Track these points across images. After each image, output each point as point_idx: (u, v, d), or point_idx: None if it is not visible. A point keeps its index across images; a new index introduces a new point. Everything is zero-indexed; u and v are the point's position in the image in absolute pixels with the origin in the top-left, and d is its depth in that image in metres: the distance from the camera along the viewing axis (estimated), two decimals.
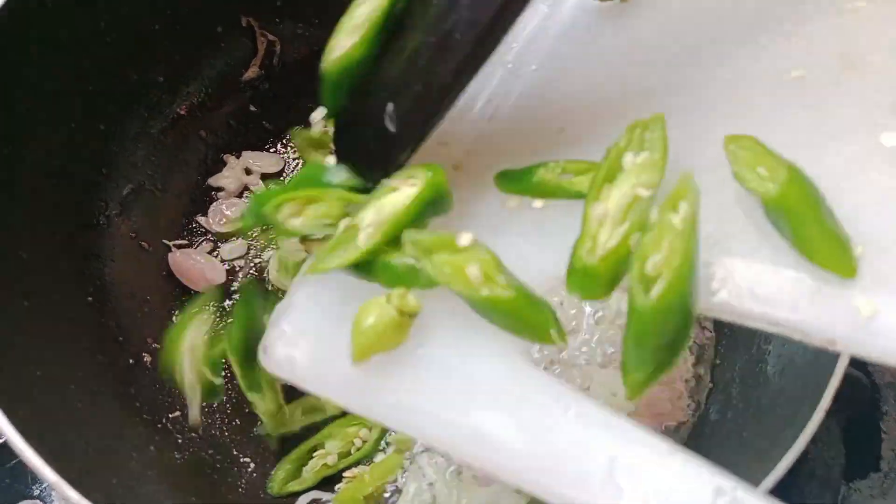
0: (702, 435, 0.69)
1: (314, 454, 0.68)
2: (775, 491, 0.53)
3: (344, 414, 0.69)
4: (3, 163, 0.62)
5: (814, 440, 0.55)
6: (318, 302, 0.42)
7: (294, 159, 0.86)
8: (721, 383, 0.71)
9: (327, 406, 0.68)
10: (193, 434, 0.69)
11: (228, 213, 0.81)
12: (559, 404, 0.37)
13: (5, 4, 0.61)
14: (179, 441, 0.68)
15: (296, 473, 0.67)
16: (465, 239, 0.37)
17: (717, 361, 0.73)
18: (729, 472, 0.36)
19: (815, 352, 0.60)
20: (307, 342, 0.41)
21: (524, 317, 0.37)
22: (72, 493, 0.48)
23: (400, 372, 0.38)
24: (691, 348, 0.74)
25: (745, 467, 0.56)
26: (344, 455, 0.68)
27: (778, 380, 0.64)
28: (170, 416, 0.69)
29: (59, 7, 0.65)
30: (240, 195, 0.83)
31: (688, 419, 0.71)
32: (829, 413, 0.54)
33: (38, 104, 0.66)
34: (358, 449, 0.69)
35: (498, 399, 0.38)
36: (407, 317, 0.37)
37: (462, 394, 0.38)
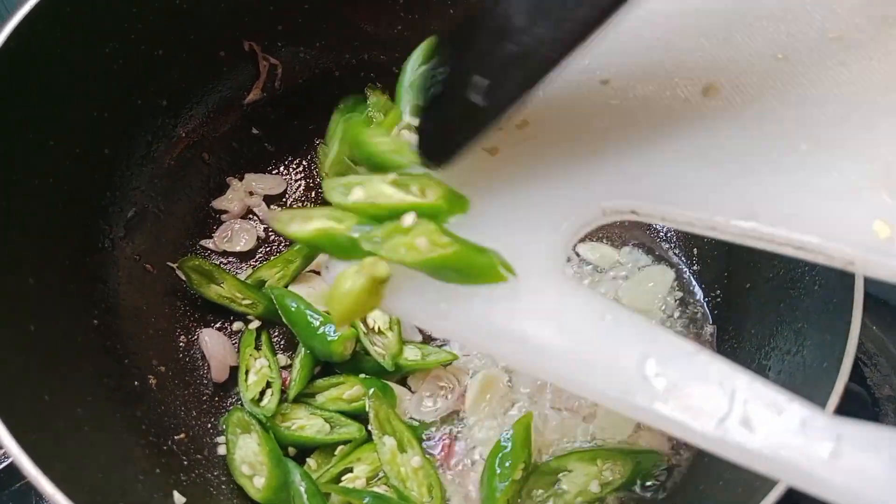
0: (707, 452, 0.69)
1: (343, 478, 0.68)
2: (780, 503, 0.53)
3: (370, 438, 0.70)
4: (10, 188, 0.63)
5: None
6: None
7: (297, 180, 0.87)
8: None
9: None
10: (199, 456, 0.69)
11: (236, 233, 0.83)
12: (595, 311, 0.42)
13: (13, 31, 0.61)
14: (185, 463, 0.68)
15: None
16: (408, 219, 0.42)
17: None
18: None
19: (815, 367, 0.61)
20: None
21: (473, 263, 0.42)
22: None
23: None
24: None
25: (749, 483, 0.57)
26: (371, 478, 0.69)
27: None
28: (175, 437, 0.69)
29: (66, 34, 0.66)
30: (244, 217, 0.84)
31: None
32: None
33: (43, 129, 0.66)
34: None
35: (539, 307, 0.42)
36: (378, 282, 0.41)
37: (506, 303, 0.42)
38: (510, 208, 0.45)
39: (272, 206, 0.85)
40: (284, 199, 0.86)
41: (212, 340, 0.75)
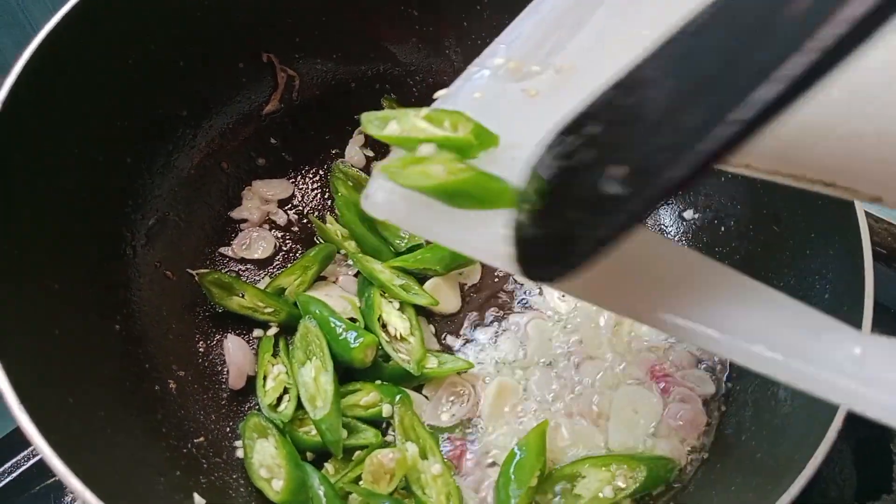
0: (719, 457, 0.70)
1: (359, 483, 0.69)
2: None
3: (385, 445, 0.71)
4: (36, 197, 0.64)
5: (826, 462, 0.57)
6: None
7: (313, 189, 0.88)
8: (734, 406, 0.73)
9: None
10: (218, 459, 0.70)
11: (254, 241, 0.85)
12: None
13: (39, 45, 0.63)
14: (205, 465, 0.69)
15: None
16: (425, 149, 0.43)
17: (730, 385, 0.75)
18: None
19: None
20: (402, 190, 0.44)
21: (488, 188, 0.42)
22: None
23: None
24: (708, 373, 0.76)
25: (760, 488, 0.58)
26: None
27: (790, 402, 0.65)
28: (195, 441, 0.70)
29: (90, 47, 0.68)
30: (261, 224, 0.86)
31: (706, 442, 0.72)
32: (841, 435, 0.55)
33: (69, 139, 0.68)
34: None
35: None
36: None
37: None
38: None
39: (286, 211, 0.87)
40: (297, 205, 0.88)
41: (234, 347, 0.76)
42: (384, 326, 0.75)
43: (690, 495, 0.68)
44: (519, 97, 0.47)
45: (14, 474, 0.81)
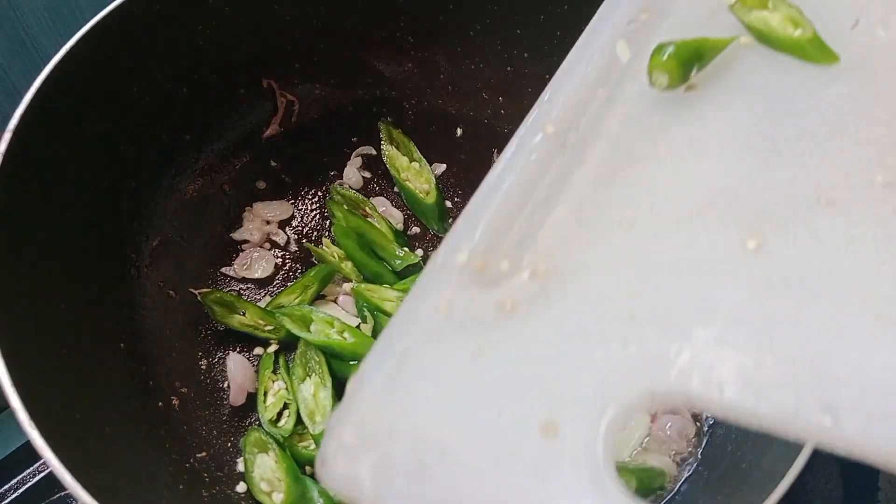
0: (707, 467, 0.72)
1: None
2: None
3: None
4: (46, 220, 0.67)
5: (812, 471, 0.59)
6: (387, 402, 0.36)
7: (312, 210, 0.91)
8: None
9: None
10: (220, 473, 0.72)
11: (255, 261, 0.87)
12: None
13: (49, 74, 0.66)
14: (207, 479, 0.71)
15: None
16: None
17: None
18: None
19: None
20: (375, 454, 0.34)
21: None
22: None
23: None
24: None
25: (744, 498, 0.60)
26: None
27: None
28: (197, 455, 0.72)
29: (98, 76, 0.71)
30: (262, 245, 0.88)
31: (694, 453, 0.75)
32: None
33: (76, 164, 0.71)
34: None
35: None
36: None
37: None
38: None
39: (286, 231, 0.89)
40: (297, 226, 0.90)
41: (235, 365, 0.78)
42: None
43: None
44: (491, 315, 0.37)
45: (19, 491, 0.83)
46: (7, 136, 0.62)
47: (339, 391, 0.75)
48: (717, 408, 0.32)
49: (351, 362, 0.75)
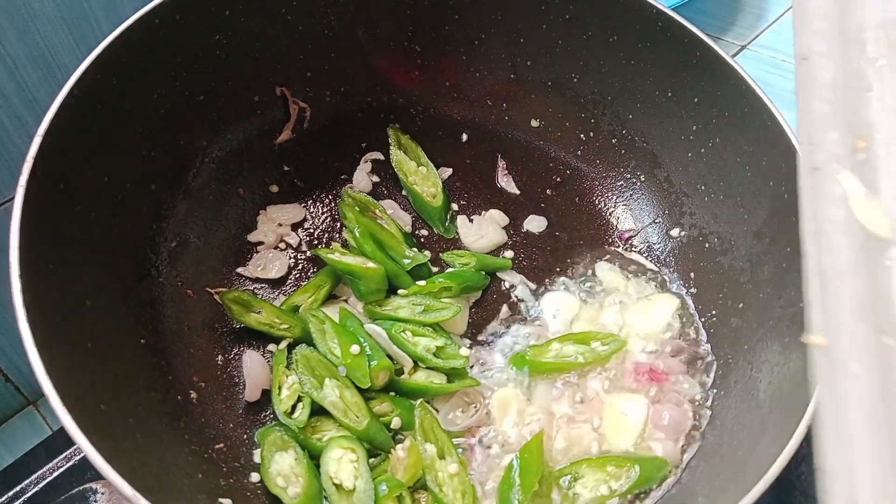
0: (705, 455, 0.75)
1: None
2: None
3: None
4: (72, 221, 0.70)
5: (805, 462, 0.61)
6: None
7: (323, 213, 0.94)
8: (719, 408, 0.78)
9: None
10: (236, 463, 0.75)
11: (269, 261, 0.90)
12: None
13: (76, 82, 0.69)
14: (224, 469, 0.74)
15: None
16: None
17: (715, 391, 0.80)
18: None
19: (799, 378, 0.66)
20: None
21: None
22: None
23: None
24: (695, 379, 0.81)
25: (740, 482, 0.63)
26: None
27: (768, 405, 0.70)
28: (215, 447, 0.75)
29: (120, 83, 0.74)
30: (276, 246, 0.91)
31: (693, 442, 0.77)
32: None
33: (101, 168, 0.74)
34: None
35: None
36: None
37: None
38: None
39: (298, 233, 0.93)
40: (309, 228, 0.93)
41: (252, 362, 0.81)
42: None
43: (679, 490, 0.73)
44: None
45: (39, 486, 0.86)
46: (37, 140, 0.66)
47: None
48: None
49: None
